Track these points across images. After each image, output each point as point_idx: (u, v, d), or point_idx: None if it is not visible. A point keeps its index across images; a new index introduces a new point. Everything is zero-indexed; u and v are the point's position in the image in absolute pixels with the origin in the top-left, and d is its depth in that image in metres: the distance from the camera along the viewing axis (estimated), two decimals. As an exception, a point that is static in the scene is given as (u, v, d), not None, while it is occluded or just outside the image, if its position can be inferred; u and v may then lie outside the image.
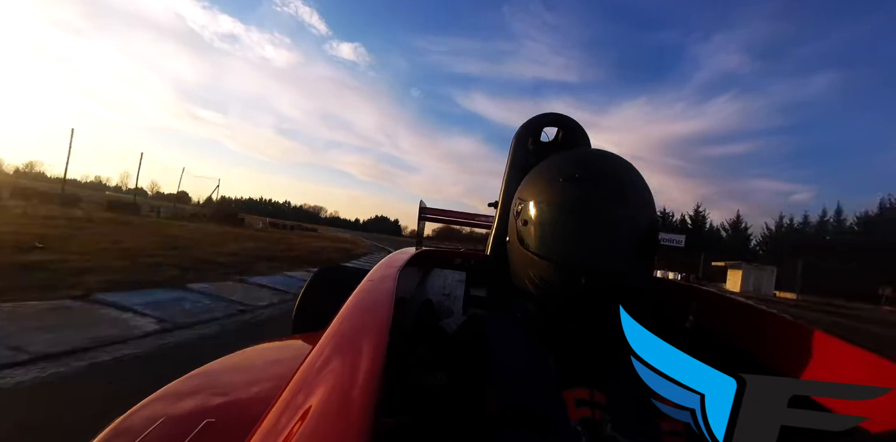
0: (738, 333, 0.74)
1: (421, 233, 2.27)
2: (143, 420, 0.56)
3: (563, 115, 1.32)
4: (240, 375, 0.79)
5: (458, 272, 1.25)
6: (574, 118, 1.30)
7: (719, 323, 0.79)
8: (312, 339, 0.56)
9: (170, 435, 0.53)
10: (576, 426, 0.52)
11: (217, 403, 0.64)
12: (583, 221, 0.59)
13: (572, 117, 1.31)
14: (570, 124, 1.30)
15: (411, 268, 0.92)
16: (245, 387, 0.71)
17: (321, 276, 1.35)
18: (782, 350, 0.64)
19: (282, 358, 0.88)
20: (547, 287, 0.60)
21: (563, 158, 0.68)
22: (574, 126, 1.30)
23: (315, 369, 0.41)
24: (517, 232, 0.67)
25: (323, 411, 0.33)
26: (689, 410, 0.33)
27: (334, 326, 0.50)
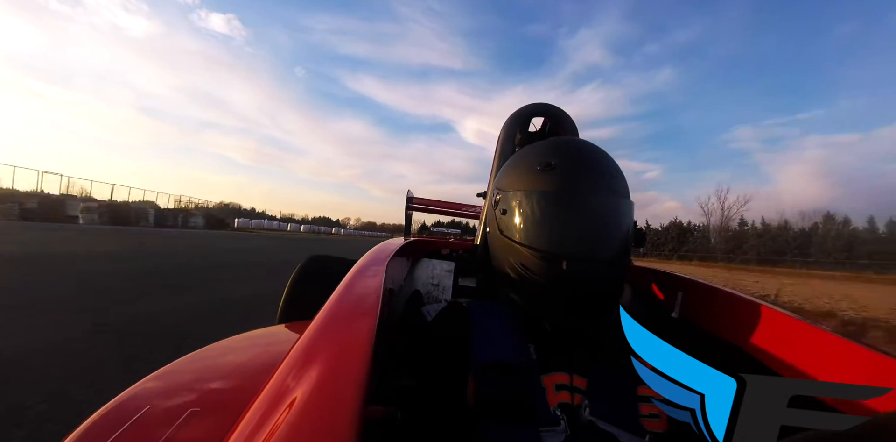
0: (724, 322, 0.75)
1: (408, 223, 2.27)
2: (127, 410, 0.55)
3: (550, 104, 1.31)
4: (225, 363, 0.78)
5: (446, 262, 1.24)
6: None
7: (705, 312, 0.80)
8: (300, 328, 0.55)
9: (154, 424, 0.52)
10: (554, 411, 0.53)
11: (202, 393, 0.63)
12: (560, 208, 0.60)
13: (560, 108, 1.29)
14: (556, 114, 1.29)
15: (399, 258, 0.92)
16: (230, 376, 0.70)
17: (309, 265, 1.33)
18: (768, 340, 0.65)
19: (268, 347, 0.87)
20: (528, 274, 0.61)
21: (538, 148, 0.68)
22: (561, 116, 1.28)
23: (302, 358, 0.40)
24: (497, 221, 0.68)
25: (310, 400, 0.32)
26: (689, 410, 0.33)
27: (322, 316, 0.49)
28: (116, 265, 5.99)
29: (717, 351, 0.71)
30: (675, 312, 0.85)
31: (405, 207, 2.26)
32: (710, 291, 0.81)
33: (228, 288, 4.84)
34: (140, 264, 6.36)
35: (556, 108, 1.30)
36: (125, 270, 5.57)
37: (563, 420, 0.52)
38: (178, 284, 4.78)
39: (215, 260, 8.22)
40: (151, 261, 6.97)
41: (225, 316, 3.48)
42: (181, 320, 3.18)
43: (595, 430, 0.51)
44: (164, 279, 5.02)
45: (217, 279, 5.54)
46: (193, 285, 4.79)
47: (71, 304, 3.38)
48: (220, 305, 3.85)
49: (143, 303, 3.66)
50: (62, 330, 2.68)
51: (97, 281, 4.51)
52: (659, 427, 0.52)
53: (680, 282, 0.90)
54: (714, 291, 0.80)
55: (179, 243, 12.20)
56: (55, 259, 6.02)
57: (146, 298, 3.87)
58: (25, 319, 2.82)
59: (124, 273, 5.22)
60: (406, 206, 2.26)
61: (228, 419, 0.37)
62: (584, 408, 0.53)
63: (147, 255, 8.00)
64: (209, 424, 0.52)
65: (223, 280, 5.53)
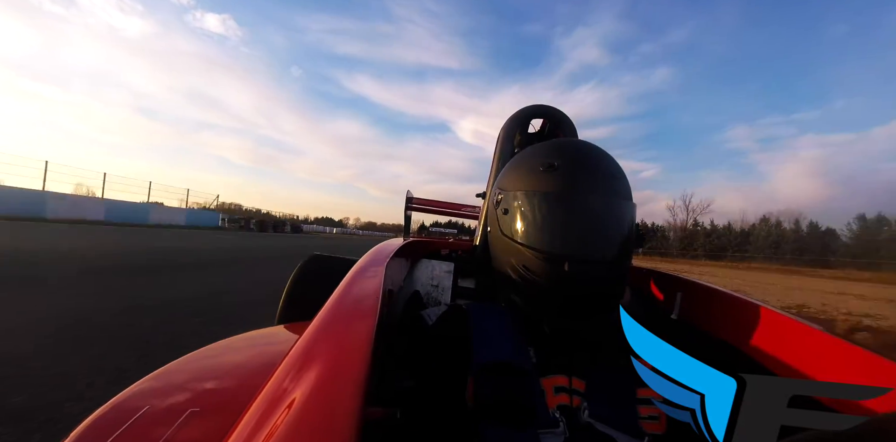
0: (723, 323, 0.74)
1: (408, 223, 2.27)
2: (127, 410, 0.55)
3: (549, 106, 1.31)
4: (225, 364, 0.78)
5: (445, 263, 1.24)
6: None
7: (704, 314, 0.80)
8: (299, 328, 0.55)
9: (153, 425, 0.52)
10: (553, 413, 0.53)
11: (201, 393, 0.62)
12: (562, 209, 0.60)
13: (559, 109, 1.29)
14: (556, 116, 1.29)
15: (399, 258, 0.91)
16: (230, 376, 0.70)
17: (309, 265, 1.33)
18: (767, 341, 0.65)
19: (268, 347, 0.87)
20: (529, 274, 0.60)
21: (541, 148, 0.68)
22: (560, 117, 1.28)
23: (301, 359, 0.40)
24: (498, 221, 0.67)
25: (309, 401, 0.32)
26: (689, 410, 0.33)
27: (321, 316, 0.49)
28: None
29: (716, 352, 0.71)
30: (675, 314, 0.85)
31: (405, 208, 2.26)
32: (710, 292, 0.81)
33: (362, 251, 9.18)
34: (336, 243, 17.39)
35: (555, 109, 1.30)
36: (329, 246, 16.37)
37: (563, 422, 0.52)
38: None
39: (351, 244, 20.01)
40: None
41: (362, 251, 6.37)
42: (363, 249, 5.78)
43: (594, 432, 0.51)
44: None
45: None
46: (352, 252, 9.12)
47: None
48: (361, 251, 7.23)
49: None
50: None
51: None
52: (658, 429, 0.52)
53: (679, 283, 0.89)
54: (713, 293, 0.80)
55: (310, 243, 19.76)
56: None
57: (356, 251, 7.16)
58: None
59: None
60: (405, 207, 2.26)
61: (228, 419, 0.36)
62: (582, 410, 0.53)
63: (322, 247, 15.80)
64: (209, 424, 0.52)
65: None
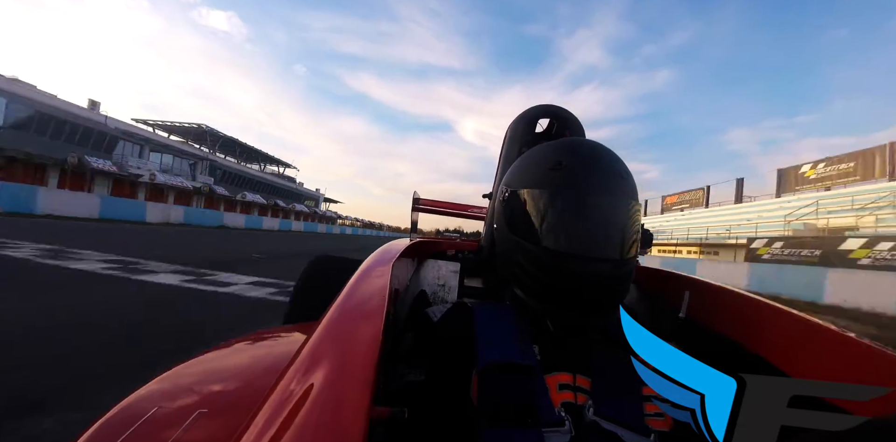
0: (731, 322, 0.74)
1: (414, 223, 2.28)
2: (136, 412, 0.55)
3: (556, 106, 1.30)
4: (233, 365, 0.79)
5: (451, 263, 1.24)
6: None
7: (712, 313, 0.79)
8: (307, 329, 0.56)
9: (162, 426, 0.52)
10: (559, 411, 0.53)
11: (210, 394, 0.63)
12: (569, 207, 0.60)
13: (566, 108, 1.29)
14: (563, 115, 1.28)
15: (405, 258, 0.92)
16: (238, 377, 0.70)
17: (316, 266, 1.34)
18: (777, 340, 0.64)
19: (275, 348, 0.88)
20: (535, 272, 0.61)
21: (549, 147, 0.68)
22: (567, 117, 1.28)
23: (309, 359, 0.41)
24: (504, 218, 0.68)
25: (317, 401, 0.33)
26: (689, 410, 0.33)
27: (328, 317, 0.50)
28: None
29: (723, 350, 0.71)
30: (682, 312, 0.85)
31: (411, 208, 2.27)
32: (718, 290, 0.81)
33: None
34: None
35: (562, 109, 1.29)
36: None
37: (568, 421, 0.52)
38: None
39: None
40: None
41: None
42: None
43: (599, 430, 0.51)
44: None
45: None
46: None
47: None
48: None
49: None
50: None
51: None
52: (664, 426, 0.52)
53: (686, 281, 0.89)
54: (721, 291, 0.80)
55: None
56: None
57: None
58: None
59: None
60: (412, 208, 2.27)
61: (236, 420, 0.37)
62: (588, 408, 0.53)
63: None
64: (217, 425, 0.52)
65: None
